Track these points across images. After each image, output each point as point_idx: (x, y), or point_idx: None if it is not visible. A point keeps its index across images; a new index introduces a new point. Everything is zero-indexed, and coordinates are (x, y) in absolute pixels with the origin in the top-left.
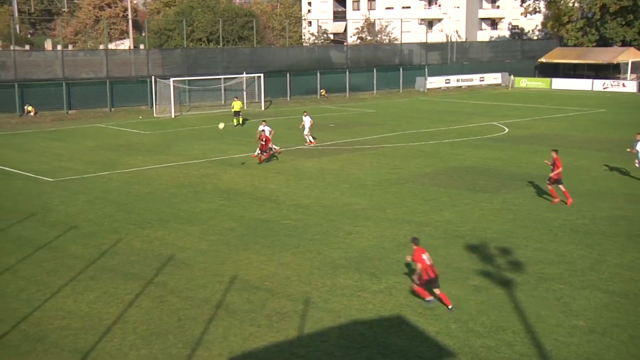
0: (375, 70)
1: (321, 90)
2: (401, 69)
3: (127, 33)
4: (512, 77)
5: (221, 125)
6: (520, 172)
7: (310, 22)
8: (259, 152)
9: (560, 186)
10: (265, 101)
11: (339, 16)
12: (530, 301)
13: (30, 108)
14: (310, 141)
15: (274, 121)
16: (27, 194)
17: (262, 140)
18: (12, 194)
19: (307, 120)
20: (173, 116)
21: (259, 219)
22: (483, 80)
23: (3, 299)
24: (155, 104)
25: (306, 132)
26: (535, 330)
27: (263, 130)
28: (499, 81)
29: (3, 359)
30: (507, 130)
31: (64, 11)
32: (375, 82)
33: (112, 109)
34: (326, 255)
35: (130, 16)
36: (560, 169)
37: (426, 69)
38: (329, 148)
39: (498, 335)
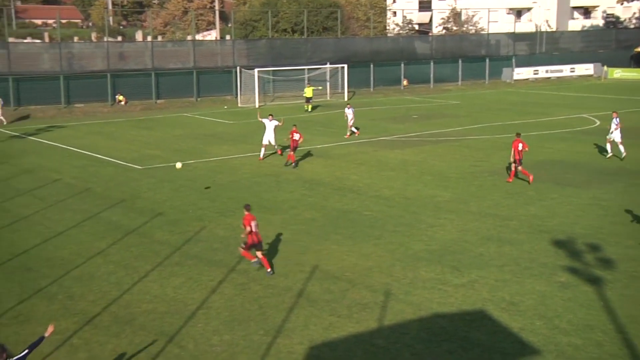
0: (460, 61)
1: (404, 81)
2: (487, 60)
3: (214, 24)
4: (605, 67)
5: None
6: (611, 167)
7: (395, 12)
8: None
9: None
10: (348, 92)
11: (425, 6)
12: (621, 300)
13: (121, 97)
14: (353, 132)
15: (357, 112)
16: (117, 181)
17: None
18: (103, 180)
19: (349, 112)
20: (257, 106)
21: (340, 210)
22: (574, 71)
23: (94, 282)
24: (240, 94)
25: (350, 123)
26: (627, 331)
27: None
28: (590, 72)
29: (95, 339)
30: (598, 122)
31: (154, 3)
32: (460, 73)
33: (198, 99)
34: (408, 248)
35: (217, 7)
36: None
37: (513, 60)
38: (412, 139)
39: (586, 334)
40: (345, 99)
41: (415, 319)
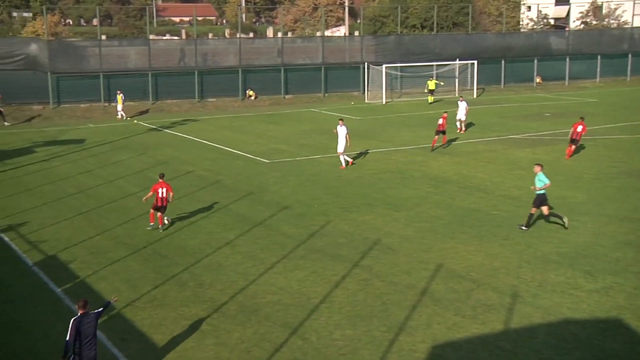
0: (599, 57)
1: (537, 78)
2: (630, 55)
3: (343, 20)
4: None
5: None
6: None
7: (529, 7)
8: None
9: None
10: (477, 89)
11: (562, 0)
12: None
13: (251, 92)
14: (461, 128)
15: (486, 109)
16: (245, 174)
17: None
18: (233, 173)
19: (462, 106)
20: (384, 102)
21: (466, 208)
22: None
23: (223, 271)
24: (367, 90)
25: (461, 117)
26: None
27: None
28: None
29: (222, 327)
30: None
31: (286, 0)
32: (598, 69)
33: (326, 94)
34: (537, 249)
35: (346, 3)
36: None
37: None
38: (544, 138)
39: None
40: (474, 96)
41: (543, 324)
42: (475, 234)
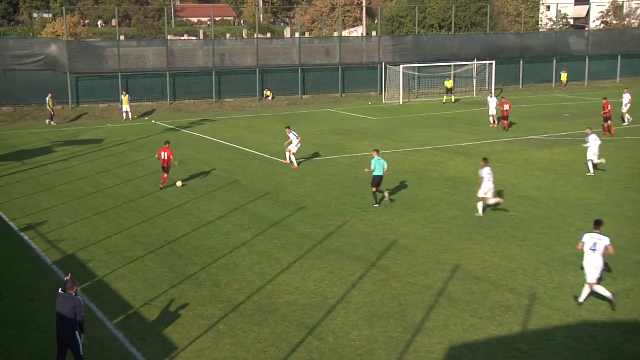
0: (619, 57)
1: (562, 74)
2: None
3: (361, 20)
4: None
5: (179, 184)
6: None
7: (548, 7)
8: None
9: None
10: (495, 89)
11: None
12: None
13: (268, 92)
14: (494, 122)
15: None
16: (262, 174)
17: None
18: (250, 173)
19: (492, 102)
20: (401, 102)
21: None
22: None
23: (240, 271)
24: (384, 90)
25: (493, 112)
26: None
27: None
28: None
29: (239, 326)
30: None
31: (303, 0)
32: (618, 69)
33: (343, 95)
34: (555, 251)
35: (364, 4)
36: None
37: None
38: (563, 138)
39: None
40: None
41: (562, 326)
42: (492, 235)
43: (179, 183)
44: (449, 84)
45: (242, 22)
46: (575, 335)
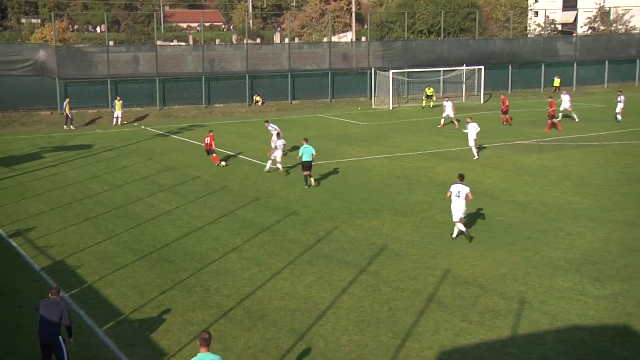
0: (607, 62)
1: (555, 80)
2: (638, 61)
3: (350, 26)
4: None
5: (223, 164)
6: None
7: (536, 13)
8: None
9: None
10: (484, 94)
11: (569, 5)
12: None
13: (258, 98)
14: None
15: (493, 115)
16: (252, 179)
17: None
18: (240, 178)
19: (448, 105)
20: (391, 108)
21: (473, 214)
22: None
23: (229, 277)
24: (374, 96)
25: (448, 113)
26: None
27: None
28: None
29: (229, 332)
30: None
31: (292, 6)
32: (606, 75)
33: (332, 100)
34: (544, 255)
35: (353, 9)
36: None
37: None
38: (551, 144)
39: None
40: (482, 101)
41: (551, 330)
42: (482, 239)
43: (223, 163)
44: (429, 91)
45: (231, 27)
46: (565, 340)
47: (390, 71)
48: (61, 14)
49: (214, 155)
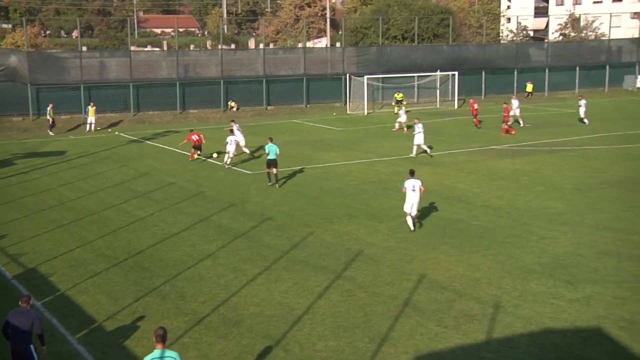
0: (577, 68)
1: (528, 86)
2: (607, 67)
3: (325, 31)
4: None
5: (215, 155)
6: None
7: (509, 19)
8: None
9: None
10: (458, 99)
11: (541, 12)
12: None
13: (233, 104)
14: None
15: (467, 120)
16: (228, 185)
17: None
18: (215, 184)
19: (402, 113)
20: (366, 113)
21: (448, 219)
22: None
23: (205, 283)
24: (349, 101)
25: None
26: None
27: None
28: None
29: (204, 339)
30: None
31: (267, 11)
32: (577, 80)
33: (308, 106)
34: (518, 259)
35: (328, 15)
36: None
37: (637, 67)
38: (525, 149)
39: None
40: (456, 107)
41: (525, 334)
42: (457, 244)
43: (215, 155)
44: (399, 96)
45: (206, 33)
46: (538, 343)
47: (365, 77)
48: (33, 19)
49: (193, 151)
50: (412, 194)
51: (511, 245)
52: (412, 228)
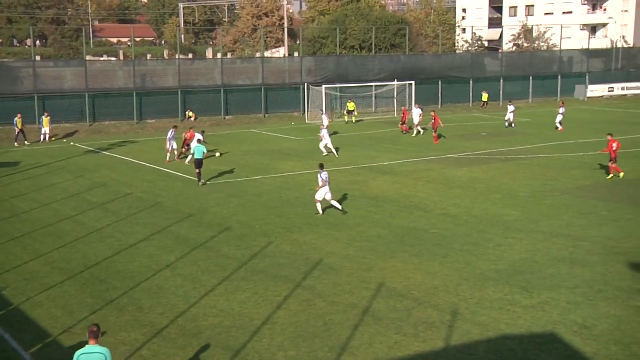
0: (531, 78)
1: (483, 95)
2: (559, 77)
3: (283, 41)
4: None
5: (217, 154)
6: None
7: (464, 29)
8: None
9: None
10: (416, 107)
11: (495, 22)
12: None
13: (190, 113)
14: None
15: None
16: (186, 195)
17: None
18: (173, 194)
19: (416, 113)
20: (326, 124)
21: (406, 227)
22: None
23: (163, 294)
24: (307, 111)
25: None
26: None
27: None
28: None
29: (163, 351)
30: None
31: (225, 21)
32: (530, 90)
33: (266, 115)
34: (475, 267)
35: (286, 25)
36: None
37: (587, 77)
38: (480, 157)
39: None
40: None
41: (482, 340)
42: (415, 252)
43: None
44: (350, 105)
45: (163, 42)
46: (495, 349)
47: (323, 86)
48: None
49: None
50: (327, 185)
51: (468, 253)
52: (320, 212)
